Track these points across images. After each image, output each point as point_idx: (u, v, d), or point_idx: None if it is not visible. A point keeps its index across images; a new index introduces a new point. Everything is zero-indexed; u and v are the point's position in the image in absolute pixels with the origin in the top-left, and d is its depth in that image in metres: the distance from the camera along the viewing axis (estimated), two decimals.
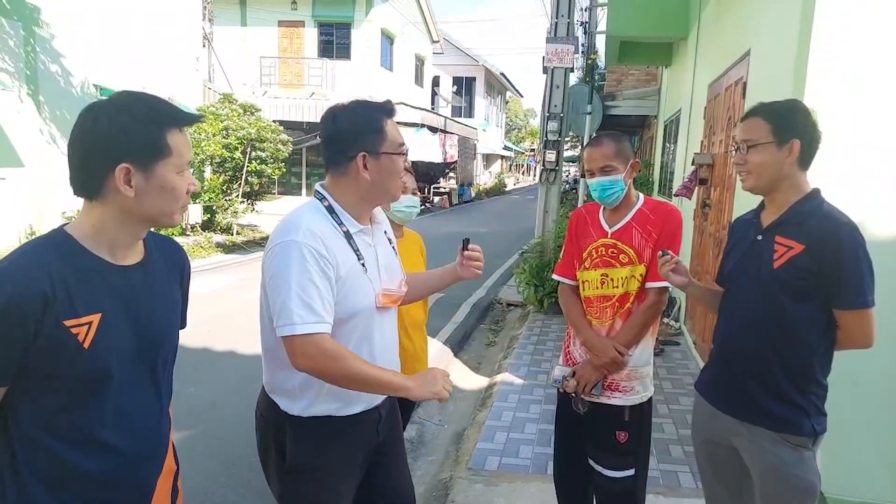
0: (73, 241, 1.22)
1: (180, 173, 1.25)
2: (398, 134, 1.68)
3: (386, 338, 1.76)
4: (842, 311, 1.73)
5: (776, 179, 1.79)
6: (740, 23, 4.45)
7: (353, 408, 1.67)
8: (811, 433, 1.77)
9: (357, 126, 1.62)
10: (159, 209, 1.25)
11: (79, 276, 1.19)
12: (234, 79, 17.00)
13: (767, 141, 1.76)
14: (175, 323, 1.41)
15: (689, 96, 6.55)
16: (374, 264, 1.70)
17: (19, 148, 8.79)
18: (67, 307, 1.16)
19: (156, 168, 1.21)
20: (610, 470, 2.23)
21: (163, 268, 1.38)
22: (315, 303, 1.50)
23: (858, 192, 2.70)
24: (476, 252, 1.89)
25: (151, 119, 1.21)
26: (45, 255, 1.18)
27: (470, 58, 32.10)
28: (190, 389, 4.37)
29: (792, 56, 2.93)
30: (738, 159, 1.83)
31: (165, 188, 1.23)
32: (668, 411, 4.08)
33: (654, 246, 2.17)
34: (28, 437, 1.20)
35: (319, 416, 1.64)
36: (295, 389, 1.64)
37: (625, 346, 2.18)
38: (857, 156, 2.73)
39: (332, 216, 1.63)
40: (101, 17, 10.16)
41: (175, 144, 1.23)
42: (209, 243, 10.71)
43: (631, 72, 12.98)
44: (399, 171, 1.68)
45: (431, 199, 22.97)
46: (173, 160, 1.23)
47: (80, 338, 1.17)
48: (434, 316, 2.90)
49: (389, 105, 1.70)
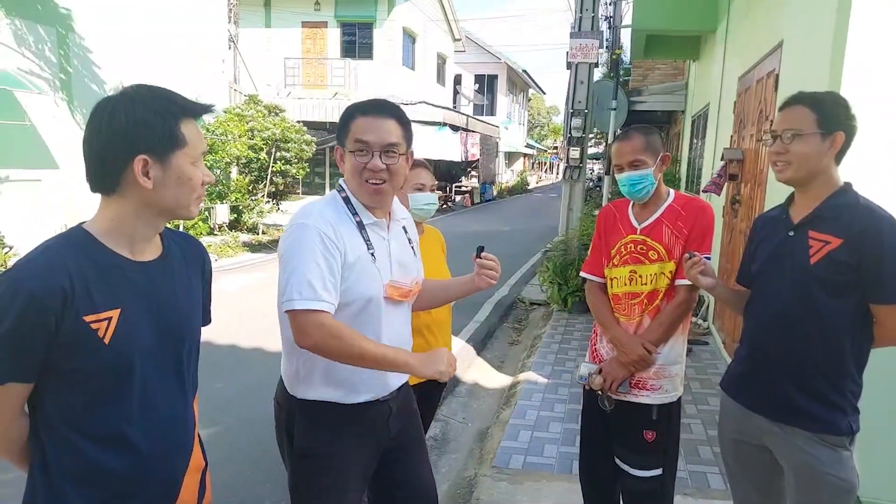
0: (92, 238, 1.23)
1: (195, 164, 1.26)
2: (361, 130, 1.67)
3: (395, 331, 1.75)
4: (881, 305, 1.68)
5: (815, 172, 1.73)
6: (772, 13, 4.34)
7: (358, 397, 1.69)
8: (848, 432, 1.72)
9: (339, 122, 1.74)
10: (176, 200, 1.25)
11: (97, 272, 1.20)
12: (258, 80, 17.22)
13: (813, 131, 1.70)
14: (196, 318, 1.41)
15: (717, 90, 6.42)
16: (385, 256, 1.72)
17: (54, 150, 9.04)
18: (87, 303, 1.17)
19: (172, 159, 1.22)
20: (637, 469, 2.19)
21: (182, 263, 1.39)
22: (317, 281, 1.53)
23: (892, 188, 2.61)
24: (490, 261, 1.84)
25: (167, 110, 1.22)
26: (63, 251, 1.19)
27: (492, 55, 31.98)
28: (217, 385, 4.43)
29: (828, 47, 2.84)
30: (778, 148, 1.75)
31: (182, 179, 1.24)
32: (697, 411, 4.01)
33: (685, 243, 2.13)
34: (56, 433, 1.22)
35: (324, 401, 1.67)
36: (299, 371, 1.69)
37: (653, 344, 2.14)
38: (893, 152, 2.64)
39: (347, 206, 1.70)
40: (129, 21, 10.37)
41: (189, 134, 1.24)
42: (236, 242, 10.86)
43: (657, 66, 12.80)
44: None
45: (453, 197, 22.96)
46: (188, 150, 1.24)
47: (101, 333, 1.18)
48: (456, 314, 2.88)
49: (364, 103, 1.72)
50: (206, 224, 11.28)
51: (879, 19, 2.62)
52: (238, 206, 11.95)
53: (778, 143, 1.75)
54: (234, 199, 11.85)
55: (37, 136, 8.82)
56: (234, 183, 11.99)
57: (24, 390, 1.19)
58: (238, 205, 11.94)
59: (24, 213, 8.50)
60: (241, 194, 12.00)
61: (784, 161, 1.75)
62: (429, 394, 2.62)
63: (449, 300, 2.08)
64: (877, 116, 2.62)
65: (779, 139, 1.75)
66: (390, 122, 1.67)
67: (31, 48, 8.87)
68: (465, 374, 5.05)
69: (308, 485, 1.72)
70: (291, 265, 1.56)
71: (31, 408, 1.24)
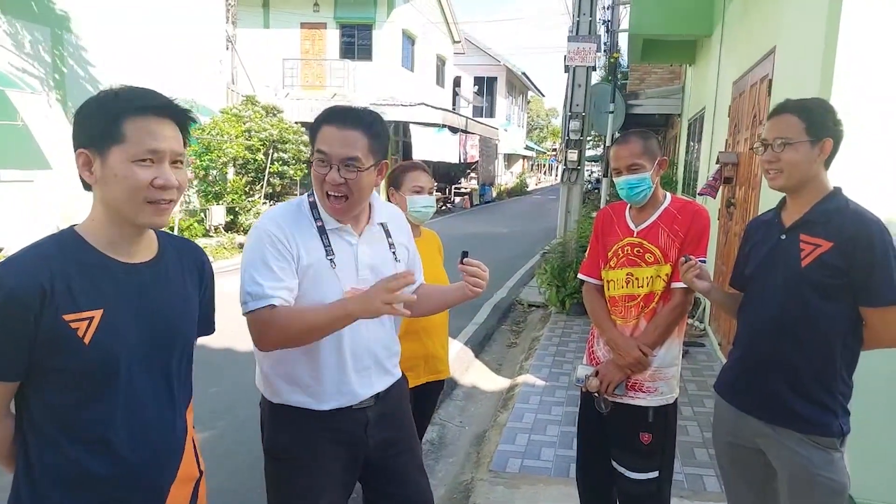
0: (79, 238, 1.23)
1: (138, 162, 1.19)
2: (322, 140, 1.62)
3: (361, 336, 1.70)
4: (871, 308, 1.70)
5: (806, 178, 1.76)
6: (766, 19, 4.36)
7: (326, 404, 1.68)
8: (839, 433, 1.75)
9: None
10: (119, 200, 1.20)
11: (81, 272, 1.20)
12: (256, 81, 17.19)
13: (802, 139, 1.73)
14: (188, 324, 1.38)
15: (713, 94, 6.45)
16: (350, 261, 1.69)
17: (47, 151, 9.01)
18: (68, 301, 1.17)
19: (109, 155, 1.19)
20: (633, 472, 2.20)
21: (178, 268, 1.37)
22: (264, 279, 1.55)
23: (884, 190, 2.64)
24: (473, 267, 1.70)
25: (109, 105, 1.20)
26: (49, 250, 1.20)
27: (491, 57, 32.02)
28: (212, 390, 4.42)
29: (819, 53, 2.86)
30: (769, 157, 1.78)
31: (118, 178, 1.18)
32: (693, 413, 4.02)
33: (681, 246, 2.14)
34: (41, 434, 1.21)
35: (293, 405, 1.69)
36: (266, 376, 1.73)
37: (649, 347, 2.15)
38: (884, 154, 2.67)
39: (312, 211, 1.69)
40: (126, 21, 10.37)
41: (132, 131, 1.18)
42: (232, 244, 10.84)
43: (654, 70, 12.84)
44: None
45: (453, 199, 22.97)
46: (127, 147, 1.18)
47: (80, 333, 1.17)
48: (455, 316, 2.89)
49: (333, 111, 1.66)
50: (201, 225, 11.27)
51: (868, 26, 2.65)
52: (234, 207, 11.93)
53: (769, 151, 1.78)
54: (230, 201, 11.83)
55: (29, 137, 8.79)
56: (230, 184, 11.98)
57: (5, 389, 1.19)
58: (234, 206, 11.92)
59: (16, 214, 8.47)
60: (237, 195, 11.99)
61: (776, 169, 1.77)
62: (426, 397, 2.62)
63: (447, 306, 2.01)
64: (867, 120, 2.65)
65: (770, 148, 1.78)
66: (355, 133, 1.59)
67: (24, 48, 8.86)
68: (462, 377, 5.05)
69: (278, 485, 1.74)
70: (243, 268, 1.61)
71: (18, 409, 1.23)
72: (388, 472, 1.81)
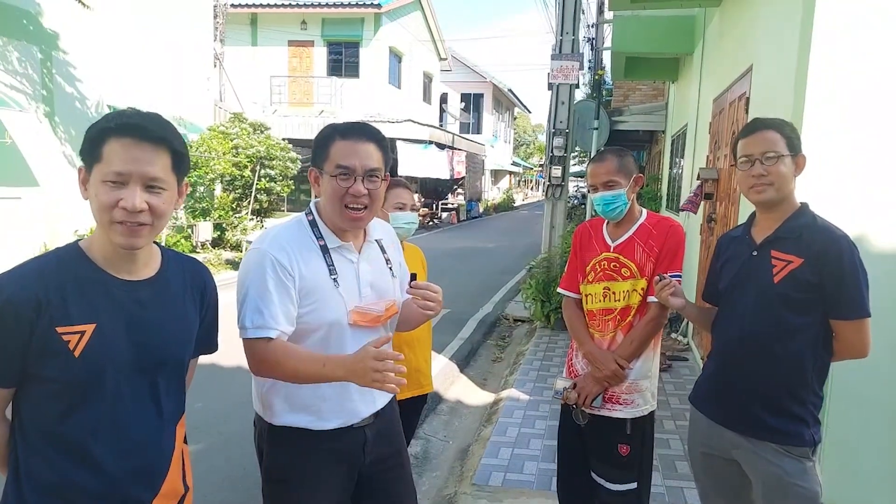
0: (80, 253, 1.27)
1: (109, 184, 1.19)
2: (342, 155, 1.61)
3: None
4: (841, 321, 1.75)
5: (788, 192, 1.82)
6: (743, 38, 4.48)
7: (327, 423, 1.66)
8: (811, 443, 1.79)
9: (314, 143, 1.70)
10: (96, 218, 1.23)
11: (78, 286, 1.23)
12: (244, 98, 17.24)
13: (786, 153, 1.79)
14: (183, 343, 1.38)
15: (695, 111, 6.57)
16: (352, 280, 1.68)
17: (35, 168, 8.97)
18: (62, 314, 1.20)
19: (91, 173, 1.23)
20: (612, 483, 2.23)
21: (180, 287, 1.38)
22: (266, 308, 1.54)
23: (856, 204, 2.71)
24: (421, 290, 1.66)
25: (100, 124, 1.23)
26: (48, 263, 1.24)
27: (478, 74, 32.36)
28: (198, 405, 4.39)
29: (792, 71, 2.95)
30: (759, 170, 1.79)
31: (93, 195, 1.22)
32: (675, 427, 4.05)
33: (657, 260, 2.19)
34: (30, 442, 1.24)
35: (294, 426, 1.66)
36: (263, 397, 1.69)
37: (625, 360, 2.19)
38: (853, 171, 2.75)
39: (313, 230, 1.68)
40: (114, 39, 10.39)
41: (108, 152, 1.20)
42: (219, 260, 10.79)
43: (638, 87, 13.03)
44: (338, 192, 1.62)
45: (440, 214, 23.04)
46: (102, 167, 1.20)
47: (71, 345, 1.20)
48: (440, 332, 2.91)
49: (344, 126, 1.67)
50: (188, 241, 11.22)
51: (840, 46, 2.74)
52: (222, 223, 11.91)
53: (758, 165, 1.79)
54: (217, 217, 11.80)
55: (17, 154, 8.75)
56: (217, 200, 11.96)
57: (0, 395, 1.23)
58: (222, 222, 11.90)
59: (2, 232, 8.40)
60: (224, 212, 11.97)
61: (766, 183, 1.79)
62: (411, 410, 2.63)
63: (426, 319, 2.01)
64: (838, 137, 2.73)
65: (758, 162, 1.79)
66: (370, 146, 1.64)
67: (12, 65, 8.84)
68: (447, 392, 5.05)
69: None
70: (244, 291, 1.59)
71: (12, 414, 1.27)
72: (378, 487, 1.81)
